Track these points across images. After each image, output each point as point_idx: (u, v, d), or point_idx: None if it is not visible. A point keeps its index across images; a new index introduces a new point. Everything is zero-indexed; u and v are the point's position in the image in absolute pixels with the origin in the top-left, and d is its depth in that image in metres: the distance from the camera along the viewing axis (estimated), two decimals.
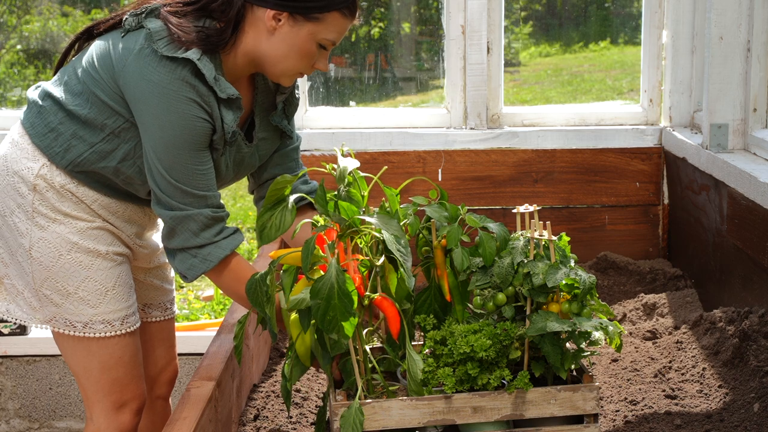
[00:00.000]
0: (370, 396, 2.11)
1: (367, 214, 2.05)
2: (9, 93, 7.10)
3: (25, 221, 2.21)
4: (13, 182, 2.22)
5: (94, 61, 2.16)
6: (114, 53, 2.13)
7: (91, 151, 2.19)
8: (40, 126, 2.22)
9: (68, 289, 2.23)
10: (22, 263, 2.23)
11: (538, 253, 2.12)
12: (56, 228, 2.21)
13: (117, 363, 2.30)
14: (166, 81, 2.07)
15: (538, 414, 2.08)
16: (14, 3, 6.98)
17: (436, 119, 3.66)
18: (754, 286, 2.75)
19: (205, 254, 2.17)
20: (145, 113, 2.10)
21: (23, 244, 2.22)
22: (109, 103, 2.15)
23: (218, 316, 5.03)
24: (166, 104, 2.08)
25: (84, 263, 2.23)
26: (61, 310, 2.24)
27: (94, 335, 2.25)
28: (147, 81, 2.08)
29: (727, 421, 2.28)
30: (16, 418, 3.75)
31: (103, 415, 2.32)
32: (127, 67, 2.10)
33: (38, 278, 2.22)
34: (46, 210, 2.21)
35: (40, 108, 2.23)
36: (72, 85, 2.20)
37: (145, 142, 2.13)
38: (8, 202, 2.23)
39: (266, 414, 2.48)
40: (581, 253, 3.51)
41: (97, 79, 2.15)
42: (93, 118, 2.17)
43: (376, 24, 4.53)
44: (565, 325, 2.00)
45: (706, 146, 3.07)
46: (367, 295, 2.07)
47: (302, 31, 2.13)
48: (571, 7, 5.10)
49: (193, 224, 2.15)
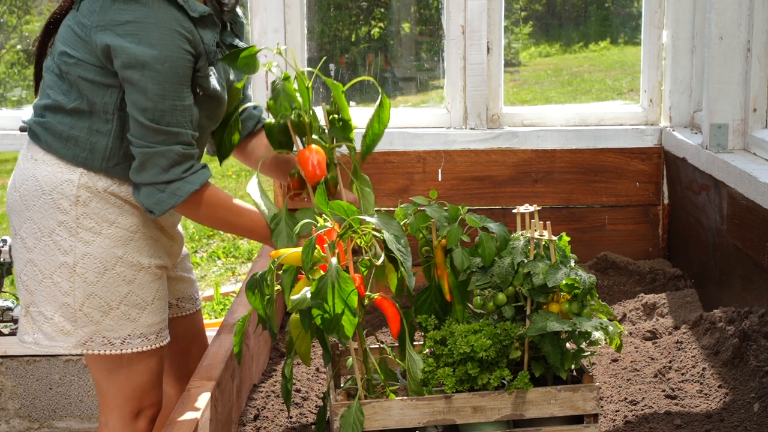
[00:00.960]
0: (370, 396, 2.11)
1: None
2: (9, 93, 7.10)
3: (67, 238, 2.18)
4: (51, 200, 2.19)
5: (65, 49, 2.15)
6: (77, 27, 2.12)
7: (111, 138, 2.18)
8: (56, 141, 2.20)
9: (111, 304, 2.22)
10: (60, 283, 2.19)
11: (538, 253, 2.12)
12: (101, 242, 2.20)
13: (143, 371, 2.30)
14: (141, 17, 2.06)
15: (538, 414, 2.08)
16: (14, 3, 6.98)
17: (436, 119, 3.66)
18: (754, 286, 2.75)
19: (173, 189, 2.15)
20: (124, 56, 2.06)
21: (66, 261, 2.19)
22: (99, 80, 2.13)
23: (218, 316, 5.03)
24: (146, 39, 2.05)
25: (127, 277, 2.23)
26: (101, 327, 2.22)
27: (131, 350, 2.25)
28: (121, 24, 2.05)
29: (727, 421, 2.28)
30: (16, 418, 3.75)
31: (120, 421, 2.32)
32: (96, 23, 2.08)
33: (80, 296, 2.20)
34: (91, 223, 2.19)
35: (44, 125, 2.21)
36: (58, 87, 2.19)
37: (126, 86, 2.10)
38: (46, 222, 2.19)
39: (266, 414, 2.48)
40: (581, 253, 3.51)
41: (77, 61, 2.13)
42: (93, 104, 2.15)
43: (376, 24, 4.53)
44: (565, 325, 2.00)
45: (706, 146, 3.07)
46: (367, 295, 2.07)
47: None
48: (571, 7, 5.10)
49: (163, 160, 2.13)
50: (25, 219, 2.21)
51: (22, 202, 2.22)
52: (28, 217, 2.21)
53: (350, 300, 1.92)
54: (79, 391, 3.71)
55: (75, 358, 3.69)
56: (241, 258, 6.43)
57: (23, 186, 2.22)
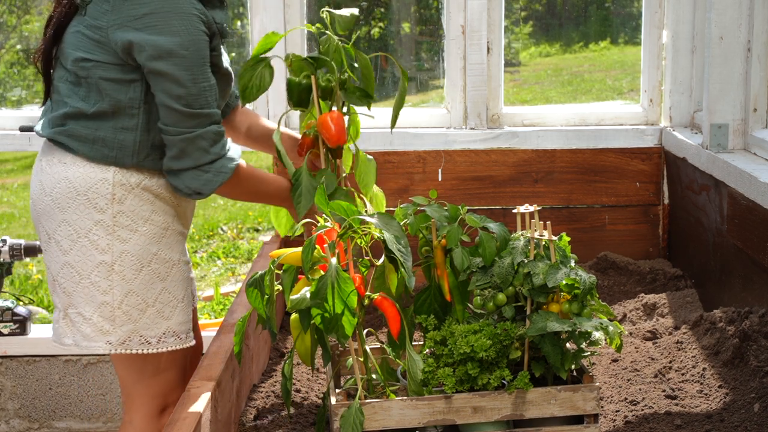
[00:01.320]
0: (370, 396, 2.11)
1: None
2: (9, 93, 7.10)
3: (105, 237, 2.21)
4: (87, 200, 2.21)
5: (80, 54, 2.17)
6: (89, 31, 2.15)
7: (138, 132, 2.21)
8: (83, 146, 2.21)
9: (147, 301, 2.25)
10: (99, 282, 2.22)
11: (539, 253, 2.12)
12: (138, 239, 2.23)
13: (171, 369, 2.35)
14: (157, 6, 2.09)
15: (539, 414, 2.08)
16: (14, 3, 6.98)
17: (436, 119, 3.65)
18: (754, 286, 2.75)
19: (218, 167, 2.21)
20: (148, 49, 2.10)
21: (104, 260, 2.21)
22: (121, 78, 2.16)
23: (218, 316, 5.03)
24: (167, 28, 2.09)
25: (161, 274, 2.27)
26: (138, 325, 2.25)
27: (167, 349, 2.29)
28: (138, 18, 2.09)
29: (727, 421, 2.28)
30: (16, 418, 3.75)
31: (145, 419, 2.34)
32: (112, 22, 2.11)
33: (119, 294, 2.23)
34: (127, 221, 2.22)
35: (68, 133, 2.22)
36: (75, 93, 2.20)
37: (151, 78, 2.14)
38: (82, 222, 2.21)
39: (266, 414, 2.48)
40: (581, 253, 3.51)
41: (95, 64, 2.16)
42: (117, 103, 2.18)
43: (376, 24, 4.53)
44: (565, 325, 2.00)
45: (706, 146, 3.07)
46: (367, 295, 2.07)
47: None
48: (571, 7, 5.10)
49: (204, 142, 2.18)
50: (59, 222, 2.22)
51: (55, 205, 2.23)
52: (63, 219, 2.22)
53: (350, 300, 1.92)
54: (78, 391, 3.71)
55: (75, 358, 3.69)
56: (241, 258, 6.43)
57: (55, 189, 2.23)
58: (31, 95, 7.59)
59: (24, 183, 8.60)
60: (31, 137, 3.63)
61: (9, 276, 3.68)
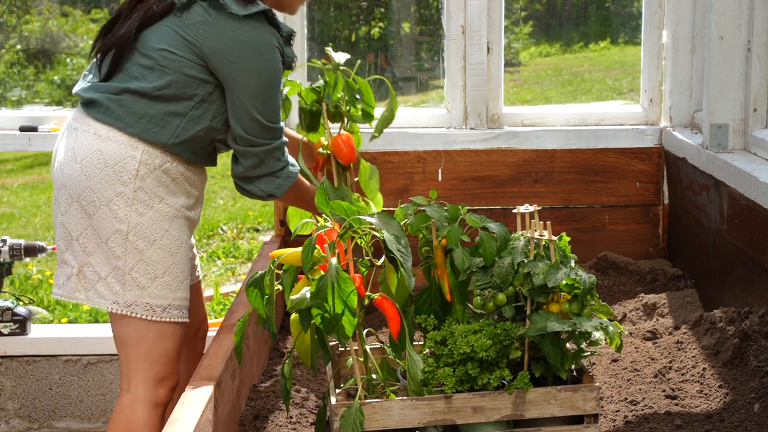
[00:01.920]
0: (370, 396, 2.11)
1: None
2: (9, 93, 7.10)
3: (123, 208, 2.41)
4: (113, 172, 2.41)
5: (166, 47, 2.40)
6: (186, 33, 2.40)
7: (186, 120, 2.44)
8: (128, 116, 2.42)
9: (156, 273, 2.44)
10: (114, 248, 2.41)
11: (539, 253, 2.12)
12: (152, 215, 2.43)
13: (171, 336, 2.48)
14: (253, 36, 2.40)
15: (539, 414, 2.08)
16: (14, 3, 6.98)
17: (436, 119, 3.65)
18: (754, 286, 2.75)
19: (287, 173, 2.51)
20: (238, 69, 2.39)
21: (120, 229, 2.41)
22: (197, 76, 2.41)
23: (218, 316, 5.03)
24: (258, 56, 2.40)
25: (172, 250, 2.46)
26: (145, 293, 2.43)
27: (170, 320, 2.46)
28: (236, 42, 2.38)
29: (727, 421, 2.28)
30: (16, 418, 3.75)
31: (142, 385, 2.46)
32: (211, 37, 2.39)
33: (130, 261, 2.42)
34: (145, 197, 2.42)
35: (119, 102, 2.43)
36: (145, 77, 2.42)
37: (238, 93, 2.42)
38: (106, 192, 2.41)
39: (266, 414, 2.48)
40: (581, 253, 3.51)
41: (180, 60, 2.40)
42: (181, 93, 2.41)
43: (376, 24, 4.53)
44: (565, 326, 2.00)
45: (706, 146, 3.07)
46: (367, 295, 2.07)
47: None
48: (571, 7, 5.10)
49: (278, 152, 2.49)
50: (84, 188, 2.42)
51: (83, 172, 2.42)
52: (88, 186, 2.42)
53: (350, 300, 1.92)
54: (78, 392, 3.71)
55: (75, 359, 3.69)
56: (241, 258, 6.44)
57: (86, 158, 2.43)
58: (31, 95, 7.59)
59: (24, 183, 8.60)
60: (31, 137, 3.63)
61: (9, 276, 3.68)
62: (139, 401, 2.45)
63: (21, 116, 3.73)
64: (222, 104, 2.46)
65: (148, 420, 2.45)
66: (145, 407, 2.45)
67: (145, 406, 2.45)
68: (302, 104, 2.86)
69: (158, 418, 2.47)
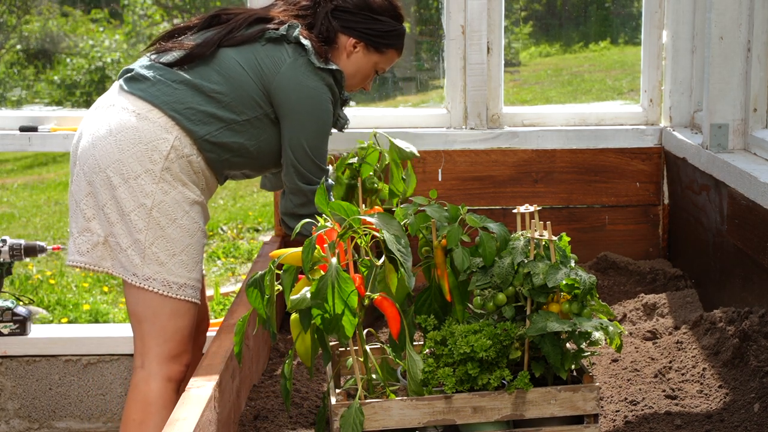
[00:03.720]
0: (370, 396, 2.11)
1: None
2: (9, 93, 7.11)
3: (150, 184, 2.54)
4: (146, 149, 2.54)
5: (240, 64, 2.63)
6: (262, 61, 2.64)
7: (225, 128, 2.62)
8: (176, 103, 2.58)
9: (174, 251, 2.57)
10: (137, 221, 2.53)
11: (539, 253, 2.12)
12: (175, 195, 2.57)
13: (185, 314, 2.60)
14: (320, 86, 2.67)
15: (539, 414, 2.08)
16: (14, 3, 6.99)
17: (436, 119, 3.65)
18: (754, 286, 2.75)
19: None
20: (300, 111, 2.65)
21: (145, 203, 2.53)
22: (254, 97, 2.63)
23: (218, 316, 5.03)
24: (319, 104, 2.67)
25: (190, 231, 2.60)
26: (164, 269, 2.56)
27: (185, 298, 2.58)
28: (305, 86, 2.65)
29: (727, 421, 2.28)
30: (16, 418, 3.75)
31: (156, 361, 2.57)
32: (283, 74, 2.64)
33: (152, 236, 2.54)
34: (171, 178, 2.56)
35: (173, 88, 2.59)
36: (212, 77, 2.61)
37: (296, 132, 2.66)
38: (135, 166, 2.53)
39: (266, 414, 2.48)
40: (581, 253, 3.51)
41: (246, 78, 2.62)
42: (233, 106, 2.62)
43: None
44: (565, 326, 2.00)
45: (706, 146, 3.07)
46: (367, 295, 2.07)
47: (370, 59, 2.85)
48: (571, 7, 5.10)
49: (325, 191, 2.53)
50: (114, 161, 2.53)
51: (117, 145, 2.54)
52: (119, 159, 2.53)
53: (350, 300, 1.92)
54: (78, 392, 3.71)
55: (75, 359, 3.69)
56: (241, 258, 6.44)
57: (121, 132, 2.55)
58: (31, 95, 7.59)
59: (24, 183, 8.60)
60: (31, 137, 3.63)
61: (9, 276, 3.68)
62: (152, 375, 2.56)
63: (21, 116, 3.73)
64: (263, 132, 2.67)
65: (162, 393, 2.56)
66: (159, 381, 2.56)
67: (159, 380, 2.56)
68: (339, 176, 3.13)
69: (173, 393, 2.58)
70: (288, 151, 2.70)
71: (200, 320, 2.96)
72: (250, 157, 2.71)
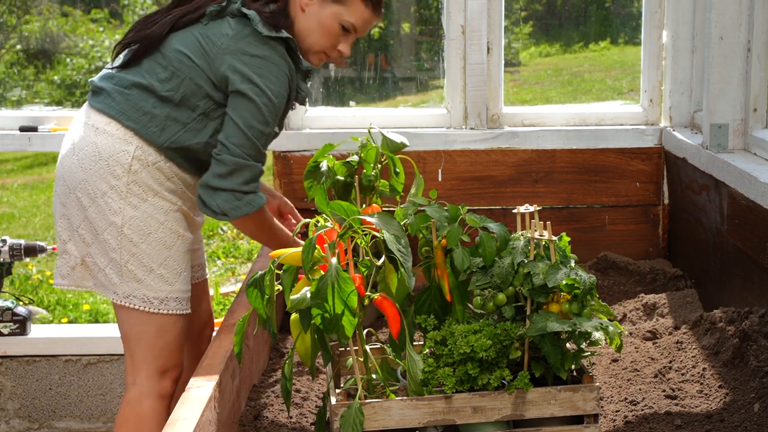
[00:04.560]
0: (370, 396, 2.11)
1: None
2: (9, 93, 7.10)
3: (118, 201, 2.45)
4: (107, 165, 2.45)
5: (186, 52, 2.45)
6: (205, 41, 2.45)
7: (185, 130, 2.48)
8: (132, 111, 2.47)
9: (151, 266, 2.49)
10: (110, 240, 2.46)
11: (539, 253, 2.12)
12: (146, 208, 2.47)
13: (172, 329, 2.54)
14: (269, 55, 2.43)
15: (539, 414, 2.08)
16: (14, 3, 6.98)
17: (436, 119, 3.65)
18: (754, 286, 2.75)
19: (249, 200, 2.47)
20: (246, 83, 2.42)
21: (115, 221, 2.46)
22: (204, 87, 2.45)
23: (218, 316, 5.03)
24: (268, 75, 2.43)
25: (167, 242, 2.50)
26: (142, 285, 2.49)
27: (168, 312, 2.51)
28: (250, 56, 2.42)
29: (727, 421, 2.27)
30: (16, 418, 3.75)
31: (147, 378, 2.53)
32: (226, 47, 2.42)
33: (126, 254, 2.47)
34: (139, 190, 2.47)
35: (126, 96, 2.47)
36: (157, 74, 2.46)
37: (237, 105, 2.43)
38: (100, 185, 2.45)
39: (266, 414, 2.48)
40: (581, 253, 3.51)
41: (192, 67, 2.44)
42: (186, 101, 2.46)
43: (376, 24, 4.52)
44: (565, 326, 2.00)
45: (707, 146, 3.07)
46: (367, 295, 2.07)
47: (330, 10, 2.51)
48: (571, 7, 5.10)
49: (249, 173, 2.45)
50: (80, 180, 2.47)
51: (80, 164, 2.47)
52: (83, 178, 2.47)
53: (350, 300, 1.91)
54: (78, 392, 3.71)
55: (75, 359, 3.69)
56: (241, 258, 6.44)
57: (82, 151, 2.48)
58: (31, 95, 7.58)
59: (24, 183, 8.60)
60: (31, 137, 3.63)
61: (9, 276, 3.68)
62: (144, 394, 2.52)
63: (21, 116, 3.73)
64: (222, 124, 2.48)
65: (155, 411, 2.52)
66: (151, 399, 2.52)
67: (151, 398, 2.52)
68: (337, 176, 3.05)
69: (164, 410, 2.54)
70: (226, 125, 2.46)
71: (202, 327, 2.92)
72: None
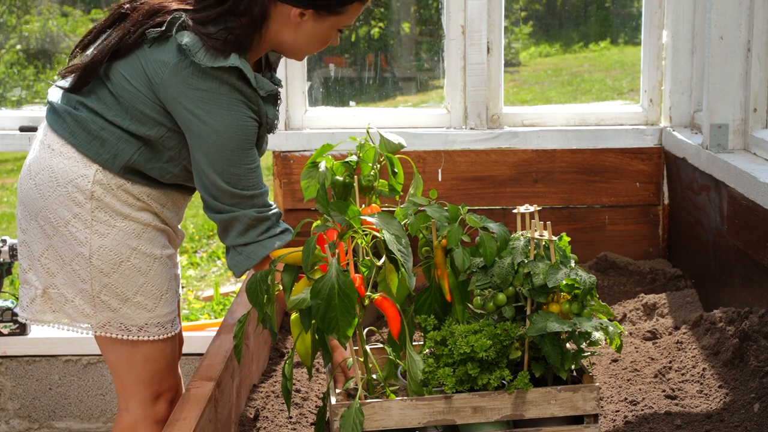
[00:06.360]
0: (370, 396, 2.11)
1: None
2: (9, 93, 7.10)
3: (83, 230, 2.23)
4: (66, 192, 2.22)
5: (128, 77, 2.18)
6: (148, 67, 2.16)
7: (138, 155, 2.23)
8: (82, 135, 2.23)
9: (127, 294, 2.27)
10: (79, 271, 2.25)
11: (539, 253, 2.12)
12: (116, 235, 2.24)
13: (159, 356, 2.35)
14: (214, 87, 2.13)
15: (539, 414, 2.08)
16: (14, 3, 6.98)
17: (436, 119, 3.65)
18: (754, 286, 2.75)
19: (248, 252, 2.24)
20: (196, 121, 2.14)
21: (82, 252, 2.23)
22: (150, 115, 2.19)
23: (218, 316, 5.03)
24: (218, 109, 2.14)
25: (142, 269, 2.27)
26: (118, 315, 2.28)
27: (149, 338, 2.31)
28: (194, 89, 2.12)
29: (727, 421, 2.27)
30: (16, 418, 3.75)
31: (141, 405, 2.37)
32: (167, 80, 2.14)
33: (97, 285, 2.25)
34: (106, 216, 2.23)
35: (75, 117, 2.23)
36: (105, 98, 2.22)
37: (196, 149, 2.18)
38: (62, 212, 2.23)
39: (266, 414, 2.48)
40: (581, 253, 3.51)
41: (135, 93, 2.18)
42: (135, 129, 2.20)
43: (376, 24, 4.52)
44: (565, 326, 2.00)
45: (706, 146, 3.07)
46: (367, 295, 2.07)
47: (325, 23, 2.24)
48: (571, 7, 5.10)
49: (239, 225, 2.22)
50: (41, 208, 2.25)
51: (38, 191, 2.25)
52: (44, 206, 2.25)
53: (350, 300, 1.91)
54: (78, 392, 3.71)
55: (75, 359, 3.69)
56: None
57: (39, 176, 2.26)
58: (31, 95, 7.58)
59: None
60: (31, 137, 3.63)
61: (9, 276, 3.68)
62: (139, 422, 2.38)
63: (21, 116, 3.73)
64: (182, 152, 2.25)
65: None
66: (146, 427, 2.39)
67: (146, 426, 2.39)
68: (336, 177, 2.96)
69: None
70: (195, 174, 2.23)
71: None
72: (182, 179, 2.31)
